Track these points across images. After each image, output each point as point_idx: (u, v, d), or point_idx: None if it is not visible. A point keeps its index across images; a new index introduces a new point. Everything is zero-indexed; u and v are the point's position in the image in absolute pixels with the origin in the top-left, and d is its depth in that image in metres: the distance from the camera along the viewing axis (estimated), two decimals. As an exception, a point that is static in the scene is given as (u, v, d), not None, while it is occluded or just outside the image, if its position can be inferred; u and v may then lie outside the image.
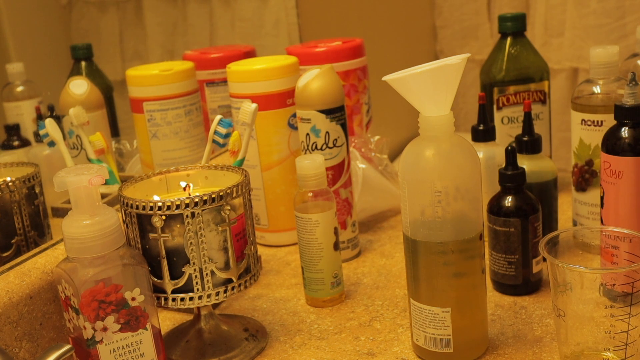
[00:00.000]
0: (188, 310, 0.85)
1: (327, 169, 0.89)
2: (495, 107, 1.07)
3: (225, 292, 0.71)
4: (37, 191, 0.81)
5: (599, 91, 0.89)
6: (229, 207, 0.69)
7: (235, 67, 0.98)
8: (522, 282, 0.82)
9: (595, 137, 0.88)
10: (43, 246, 0.77)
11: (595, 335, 0.65)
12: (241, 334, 0.78)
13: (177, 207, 0.67)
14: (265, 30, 1.40)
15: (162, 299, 0.70)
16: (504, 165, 0.82)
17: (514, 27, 1.07)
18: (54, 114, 1.01)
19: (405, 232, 0.69)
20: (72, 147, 0.96)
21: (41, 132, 0.90)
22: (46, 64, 1.11)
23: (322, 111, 0.89)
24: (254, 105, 0.83)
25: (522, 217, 0.80)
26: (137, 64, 1.07)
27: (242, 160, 0.82)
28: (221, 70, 1.09)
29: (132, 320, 0.65)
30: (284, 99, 0.97)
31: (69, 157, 0.90)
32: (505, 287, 0.83)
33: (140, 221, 0.69)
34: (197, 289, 0.70)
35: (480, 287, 0.70)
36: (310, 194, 0.83)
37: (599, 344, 0.65)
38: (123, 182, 0.74)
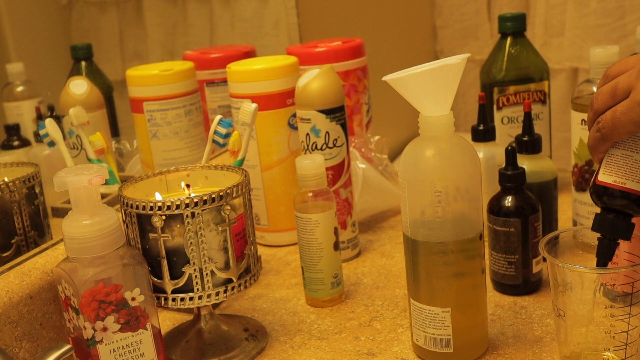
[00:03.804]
0: (188, 310, 0.85)
1: (327, 169, 0.89)
2: (495, 107, 1.07)
3: (225, 292, 0.71)
4: (37, 191, 0.81)
5: (599, 91, 0.88)
6: (229, 207, 0.69)
7: (235, 67, 0.98)
8: (522, 282, 0.82)
9: (595, 137, 0.88)
10: (43, 246, 0.77)
11: (595, 335, 0.65)
12: (241, 334, 0.78)
13: (177, 207, 0.67)
14: (265, 30, 1.40)
15: (162, 299, 0.70)
16: (504, 165, 0.82)
17: (514, 27, 1.07)
18: (54, 114, 1.01)
19: (405, 232, 0.69)
20: (72, 147, 0.96)
21: (41, 132, 0.90)
22: (46, 64, 1.11)
23: (322, 111, 0.89)
24: (254, 105, 0.83)
25: (522, 217, 0.80)
26: (137, 64, 1.07)
27: (242, 160, 0.82)
28: (221, 70, 1.09)
29: (132, 320, 0.65)
30: (284, 99, 0.97)
31: (69, 157, 0.90)
32: (505, 287, 0.83)
33: (140, 221, 0.69)
34: (197, 289, 0.70)
35: (480, 287, 0.70)
36: (310, 194, 0.83)
37: (599, 344, 0.65)
38: (123, 182, 0.74)
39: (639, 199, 0.60)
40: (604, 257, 0.63)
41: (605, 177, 0.61)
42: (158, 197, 0.75)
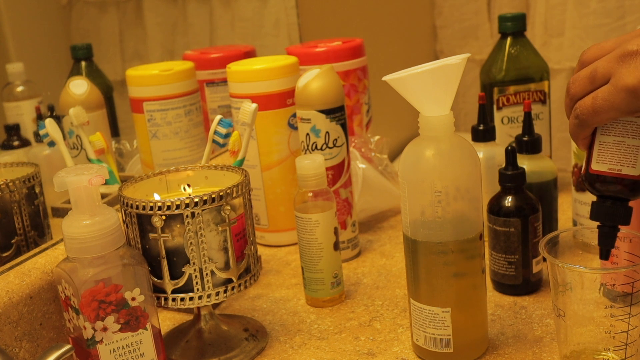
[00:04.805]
0: (188, 310, 0.85)
1: (327, 169, 0.89)
2: (495, 107, 1.07)
3: (225, 292, 0.71)
4: (37, 191, 0.81)
5: (599, 91, 0.88)
6: (229, 207, 0.69)
7: (235, 67, 0.98)
8: (522, 282, 0.82)
9: (595, 137, 0.88)
10: (43, 246, 0.77)
11: (595, 335, 0.65)
12: (241, 334, 0.78)
13: (177, 207, 0.67)
14: (265, 30, 1.39)
15: (162, 299, 0.70)
16: (504, 165, 0.82)
17: (514, 27, 1.07)
18: (54, 114, 1.01)
19: (405, 232, 0.69)
20: (72, 147, 0.96)
21: (41, 132, 0.90)
22: (46, 64, 1.11)
23: (322, 111, 0.89)
24: (254, 105, 0.83)
25: (522, 217, 0.80)
26: (137, 64, 1.07)
27: (242, 160, 0.82)
28: (221, 70, 1.09)
29: (132, 320, 0.65)
30: (284, 99, 0.97)
31: (69, 157, 0.90)
32: (505, 287, 0.83)
33: (140, 221, 0.69)
34: (197, 289, 0.70)
35: (480, 287, 0.70)
36: (310, 194, 0.83)
37: (599, 344, 0.65)
38: (123, 182, 0.74)
39: (632, 183, 0.60)
40: (606, 244, 0.62)
41: (599, 165, 0.61)
42: (156, 198, 0.75)
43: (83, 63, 1.11)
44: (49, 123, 0.89)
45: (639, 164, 0.59)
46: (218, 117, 0.80)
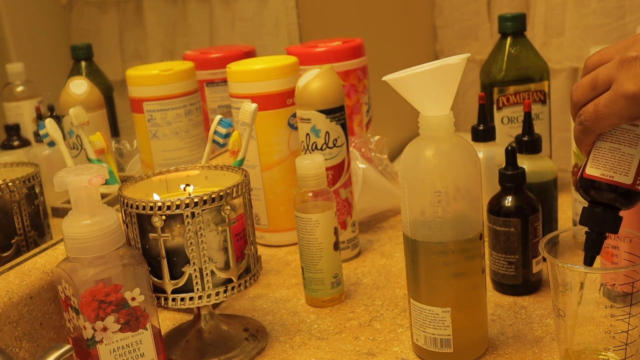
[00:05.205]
0: (188, 310, 0.85)
1: (327, 169, 0.89)
2: (495, 107, 1.07)
3: (225, 292, 0.71)
4: (37, 191, 0.81)
5: (599, 91, 0.88)
6: (229, 207, 0.69)
7: (235, 67, 0.98)
8: (522, 282, 0.82)
9: (595, 137, 0.88)
10: (43, 246, 0.77)
11: (595, 335, 0.65)
12: (241, 334, 0.78)
13: (177, 207, 0.67)
14: (265, 30, 1.40)
15: (162, 299, 0.70)
16: (504, 165, 0.82)
17: (514, 27, 1.07)
18: (54, 114, 1.01)
19: (405, 232, 0.69)
20: (72, 147, 0.96)
21: (41, 132, 0.90)
22: (46, 64, 1.11)
23: (322, 111, 0.89)
24: (254, 105, 0.83)
25: (522, 217, 0.80)
26: (137, 64, 1.07)
27: (242, 160, 0.82)
28: (221, 70, 1.09)
29: (132, 320, 0.65)
30: (284, 99, 0.97)
31: (69, 157, 0.90)
32: (505, 287, 0.83)
33: (140, 221, 0.69)
34: (197, 289, 0.70)
35: (480, 287, 0.70)
36: (310, 194, 0.83)
37: (599, 344, 0.65)
38: (123, 182, 0.74)
39: (626, 192, 0.60)
40: (592, 251, 0.63)
41: (592, 170, 0.61)
42: (156, 198, 0.75)
43: (83, 63, 1.11)
44: (49, 123, 0.89)
45: (631, 173, 0.59)
46: (218, 117, 0.80)
